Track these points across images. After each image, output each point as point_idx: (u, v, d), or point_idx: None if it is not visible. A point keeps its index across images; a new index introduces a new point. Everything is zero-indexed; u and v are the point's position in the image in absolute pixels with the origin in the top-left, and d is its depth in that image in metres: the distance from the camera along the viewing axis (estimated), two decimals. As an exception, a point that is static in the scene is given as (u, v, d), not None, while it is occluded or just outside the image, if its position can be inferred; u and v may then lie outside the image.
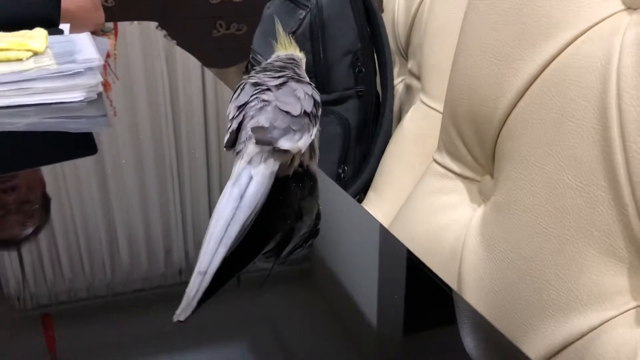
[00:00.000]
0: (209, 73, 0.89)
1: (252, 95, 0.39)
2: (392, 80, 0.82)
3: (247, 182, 0.34)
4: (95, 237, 0.42)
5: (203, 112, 0.70)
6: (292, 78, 0.40)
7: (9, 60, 0.68)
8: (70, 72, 0.65)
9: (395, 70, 0.88)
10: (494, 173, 0.49)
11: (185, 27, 2.01)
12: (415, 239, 0.53)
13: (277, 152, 0.36)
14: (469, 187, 0.52)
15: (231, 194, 0.33)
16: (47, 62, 0.67)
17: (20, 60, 0.68)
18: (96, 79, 0.66)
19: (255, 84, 0.40)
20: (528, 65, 0.44)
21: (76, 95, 0.65)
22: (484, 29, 0.47)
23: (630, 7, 0.39)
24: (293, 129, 0.37)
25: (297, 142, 0.37)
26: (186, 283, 0.31)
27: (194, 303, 0.30)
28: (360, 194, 0.83)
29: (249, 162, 0.35)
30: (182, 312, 0.30)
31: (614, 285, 0.38)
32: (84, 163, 0.55)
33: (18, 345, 0.30)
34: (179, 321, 0.30)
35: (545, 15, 0.42)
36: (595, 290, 0.39)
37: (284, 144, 0.36)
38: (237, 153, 0.37)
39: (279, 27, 0.45)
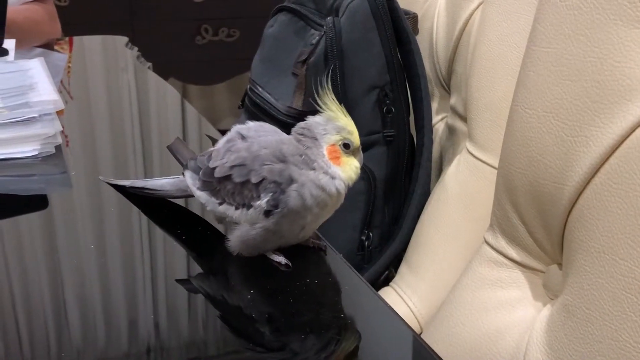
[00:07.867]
0: (190, 108, 0.92)
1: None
2: (430, 121, 0.85)
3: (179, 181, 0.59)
4: (38, 309, 0.43)
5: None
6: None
7: (-57, 102, 0.72)
8: (22, 119, 0.69)
9: (434, 106, 0.91)
10: (562, 263, 0.51)
11: (161, 33, 2.08)
12: (462, 345, 0.55)
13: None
14: (531, 279, 0.55)
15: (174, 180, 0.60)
16: (-8, 106, 0.71)
17: (-43, 101, 0.72)
18: (54, 127, 0.69)
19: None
20: (604, 134, 0.46)
21: (29, 149, 0.68)
22: (547, 83, 0.50)
23: None
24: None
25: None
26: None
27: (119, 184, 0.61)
28: (390, 269, 0.85)
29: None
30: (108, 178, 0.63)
31: None
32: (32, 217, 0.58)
33: None
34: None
35: (626, 73, 0.45)
36: None
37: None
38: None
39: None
